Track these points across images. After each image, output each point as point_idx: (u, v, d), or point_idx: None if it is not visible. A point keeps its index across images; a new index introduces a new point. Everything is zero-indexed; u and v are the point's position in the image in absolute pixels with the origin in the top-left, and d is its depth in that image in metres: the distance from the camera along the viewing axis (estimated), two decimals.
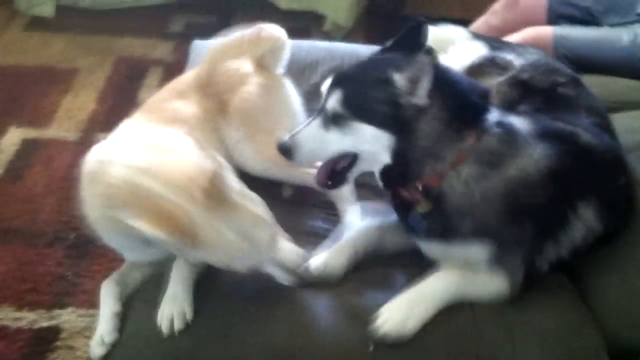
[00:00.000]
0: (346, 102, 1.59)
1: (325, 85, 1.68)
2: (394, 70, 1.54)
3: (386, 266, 1.74)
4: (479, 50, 2.07)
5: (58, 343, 2.23)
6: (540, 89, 1.88)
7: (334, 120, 1.61)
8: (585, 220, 1.67)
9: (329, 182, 1.71)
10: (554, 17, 2.83)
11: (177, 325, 1.51)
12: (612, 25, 2.69)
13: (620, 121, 2.05)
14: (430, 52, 1.55)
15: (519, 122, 1.67)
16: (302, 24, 4.03)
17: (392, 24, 3.66)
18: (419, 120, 1.54)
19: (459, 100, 1.59)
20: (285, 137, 1.68)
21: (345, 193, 1.97)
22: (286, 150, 1.67)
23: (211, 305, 1.56)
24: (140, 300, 1.63)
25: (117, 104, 3.43)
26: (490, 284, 1.64)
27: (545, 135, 1.65)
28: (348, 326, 1.55)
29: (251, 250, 1.47)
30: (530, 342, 1.56)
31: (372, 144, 1.58)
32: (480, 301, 1.62)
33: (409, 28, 1.66)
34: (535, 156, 1.61)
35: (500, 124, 1.62)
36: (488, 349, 1.53)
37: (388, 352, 1.51)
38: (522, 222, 1.61)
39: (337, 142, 1.63)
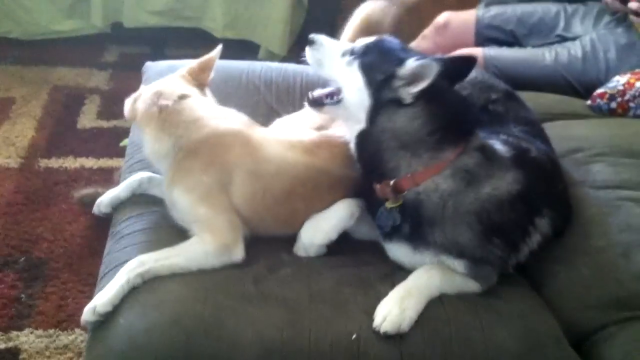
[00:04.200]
0: (367, 49, 1.78)
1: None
2: (413, 58, 1.69)
3: (358, 265, 1.82)
4: None
5: None
6: (477, 106, 2.04)
7: (350, 53, 1.79)
8: (541, 230, 1.83)
9: (311, 95, 1.86)
10: (481, 40, 3.05)
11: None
12: (534, 46, 2.93)
13: (551, 130, 2.25)
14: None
15: (501, 148, 1.81)
16: (237, 53, 4.09)
17: None
18: (392, 108, 1.70)
19: (448, 115, 1.72)
20: (318, 37, 1.86)
21: None
22: (311, 41, 1.85)
23: (202, 300, 1.60)
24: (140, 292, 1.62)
25: (57, 130, 3.42)
26: (467, 286, 1.76)
27: (517, 159, 1.80)
28: (331, 319, 1.62)
29: None
30: (497, 324, 1.67)
31: (355, 93, 1.74)
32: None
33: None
34: (507, 179, 1.75)
35: (482, 147, 1.76)
36: (460, 331, 1.63)
37: (371, 339, 1.59)
38: (493, 241, 1.75)
39: (336, 69, 1.81)
